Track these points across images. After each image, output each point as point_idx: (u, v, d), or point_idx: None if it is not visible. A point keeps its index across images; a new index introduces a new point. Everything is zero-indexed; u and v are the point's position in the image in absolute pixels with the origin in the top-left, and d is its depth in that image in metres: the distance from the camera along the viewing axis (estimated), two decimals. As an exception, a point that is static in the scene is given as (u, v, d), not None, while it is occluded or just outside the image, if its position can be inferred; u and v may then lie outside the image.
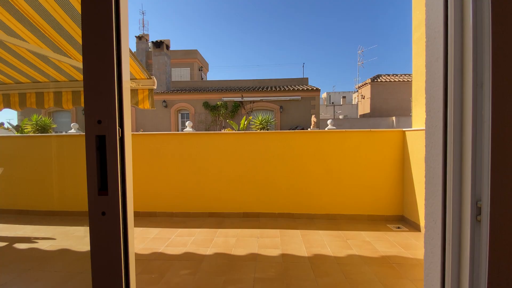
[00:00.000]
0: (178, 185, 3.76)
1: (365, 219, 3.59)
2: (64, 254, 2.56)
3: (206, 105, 14.62)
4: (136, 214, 3.79)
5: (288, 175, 3.64)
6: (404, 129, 3.58)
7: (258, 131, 5.05)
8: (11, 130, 9.89)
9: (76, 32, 2.35)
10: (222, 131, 4.08)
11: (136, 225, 3.40)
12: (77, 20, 2.18)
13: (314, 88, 14.56)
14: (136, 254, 2.57)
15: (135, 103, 3.18)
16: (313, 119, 12.09)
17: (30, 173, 3.90)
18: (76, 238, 2.99)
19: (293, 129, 13.50)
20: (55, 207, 3.87)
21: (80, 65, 2.66)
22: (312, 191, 3.62)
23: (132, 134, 3.82)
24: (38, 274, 2.18)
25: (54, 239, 2.96)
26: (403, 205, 3.59)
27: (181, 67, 19.90)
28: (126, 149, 0.93)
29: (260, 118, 8.08)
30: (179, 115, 15.11)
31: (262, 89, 14.71)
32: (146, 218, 3.72)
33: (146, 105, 3.20)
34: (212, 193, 3.72)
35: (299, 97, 14.31)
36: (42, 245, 2.78)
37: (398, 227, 3.34)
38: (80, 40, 2.64)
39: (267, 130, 8.48)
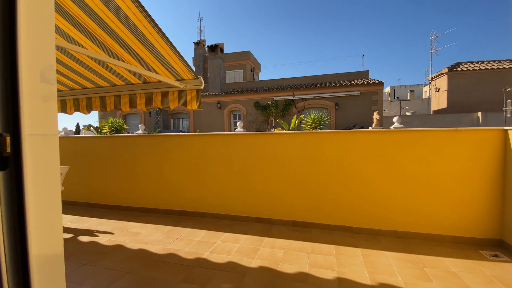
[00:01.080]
0: (225, 187, 3.66)
1: (447, 241, 2.85)
2: (117, 250, 2.68)
3: (257, 105, 14.66)
4: (186, 214, 3.84)
5: (345, 181, 3.15)
6: (506, 128, 2.71)
7: (309, 130, 4.62)
8: (92, 131, 11.71)
9: (129, 38, 2.39)
10: (272, 131, 3.81)
11: (185, 225, 3.42)
12: (129, 25, 2.20)
13: (376, 82, 13.07)
14: (181, 258, 2.51)
15: (183, 104, 3.17)
16: (376, 116, 10.77)
17: (98, 169, 4.34)
18: (131, 234, 3.13)
19: (350, 128, 12.41)
20: (118, 202, 4.22)
21: (134, 68, 2.74)
22: (375, 201, 3.06)
23: (177, 135, 3.88)
24: (92, 270, 2.28)
25: (113, 233, 3.15)
26: (502, 227, 2.74)
27: (234, 69, 20.50)
28: (29, 168, 0.71)
29: (312, 117, 7.54)
30: (232, 115, 15.53)
31: (316, 85, 13.96)
32: (195, 218, 3.72)
33: (194, 105, 3.16)
34: (259, 197, 3.50)
35: (358, 92, 13.05)
36: (101, 239, 2.98)
37: (496, 255, 2.54)
38: (132, 46, 2.73)
39: (320, 129, 7.86)
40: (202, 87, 3.11)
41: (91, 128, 12.19)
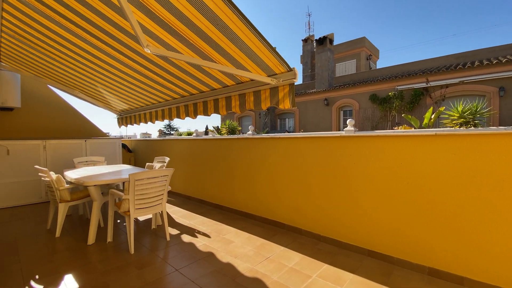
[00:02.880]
0: (325, 202, 2.96)
1: None
2: (207, 260, 2.57)
3: (374, 98, 12.50)
4: (281, 226, 3.42)
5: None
6: None
7: (457, 129, 3.07)
8: (214, 132, 13.73)
9: (215, 34, 2.18)
10: (395, 129, 2.76)
11: (278, 241, 3.00)
12: (213, 19, 1.97)
13: None
14: (266, 289, 2.08)
15: (275, 103, 2.73)
16: None
17: (207, 169, 4.65)
18: (224, 242, 3.02)
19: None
20: (221, 202, 4.35)
21: (225, 68, 2.55)
22: None
23: (270, 137, 3.48)
24: (178, 279, 2.22)
25: (209, 237, 3.15)
26: None
27: (345, 61, 18.58)
28: None
29: (459, 108, 5.40)
30: (341, 112, 14.04)
31: (463, 66, 10.31)
32: (291, 234, 3.24)
33: (287, 103, 2.66)
34: (374, 224, 2.58)
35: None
36: (199, 241, 3.02)
37: None
38: (220, 43, 2.54)
39: (474, 125, 5.52)
40: (296, 80, 2.55)
41: (214, 129, 14.22)
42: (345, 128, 3.65)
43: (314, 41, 18.30)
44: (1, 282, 2.17)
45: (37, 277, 2.25)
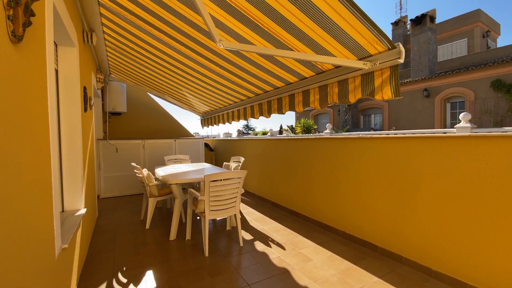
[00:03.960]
0: (438, 228, 2.15)
1: None
2: (280, 278, 2.23)
3: (498, 84, 9.52)
4: (373, 248, 2.75)
5: None
6: None
7: None
8: (288, 131, 13.27)
9: (297, 17, 1.81)
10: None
11: (369, 268, 2.39)
12: (297, 1, 1.61)
13: None
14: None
15: (369, 93, 2.14)
16: None
17: (279, 171, 4.33)
18: (301, 258, 2.61)
19: None
20: (296, 208, 3.96)
21: (302, 56, 2.15)
22: None
23: (363, 138, 2.81)
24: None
25: (284, 249, 2.81)
26: None
27: (452, 41, 15.00)
28: None
29: None
30: (448, 105, 11.33)
31: None
32: (386, 260, 2.55)
33: (387, 93, 2.03)
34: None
35: None
36: (272, 252, 2.71)
37: None
38: (302, 27, 2.14)
39: None
40: (401, 61, 1.90)
41: (288, 128, 13.86)
42: (456, 125, 2.71)
43: (408, 23, 15.58)
44: (94, 268, 2.43)
45: (124, 268, 2.42)
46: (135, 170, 3.73)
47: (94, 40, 2.99)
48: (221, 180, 2.75)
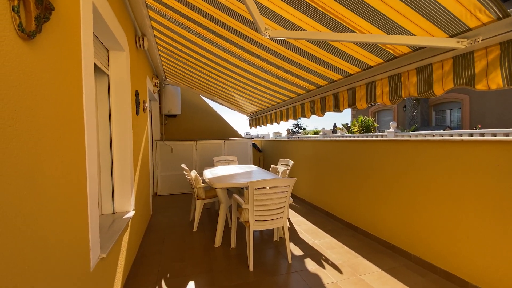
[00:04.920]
0: None
1: None
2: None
3: None
4: (463, 285, 2.10)
5: None
6: None
7: None
8: (344, 131, 12.17)
9: None
10: None
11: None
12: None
13: None
14: None
15: (466, 82, 1.57)
16: None
17: (334, 177, 3.83)
18: (361, 286, 2.15)
19: None
20: (354, 221, 3.42)
21: (367, 38, 1.72)
22: None
23: (449, 141, 2.15)
24: None
25: (341, 272, 2.38)
26: None
27: None
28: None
29: None
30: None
31: None
32: (486, 305, 1.89)
33: (495, 80, 1.44)
34: None
35: None
36: (326, 276, 2.30)
37: None
38: (371, 1, 1.68)
39: None
40: (525, 31, 1.30)
41: (343, 127, 12.80)
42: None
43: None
44: (141, 271, 2.42)
45: (168, 275, 2.35)
46: (184, 172, 3.76)
47: (145, 44, 3.05)
48: (267, 188, 2.47)
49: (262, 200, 2.45)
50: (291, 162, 3.92)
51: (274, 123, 4.74)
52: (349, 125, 13.70)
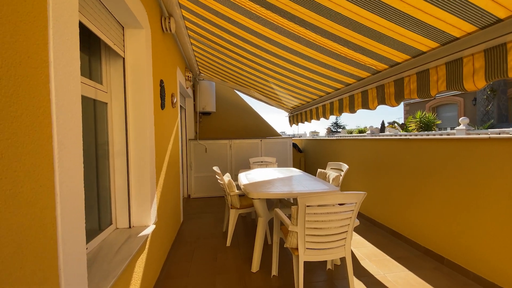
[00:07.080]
0: None
1: None
2: None
3: None
4: None
5: None
6: None
7: None
8: (397, 129, 10.62)
9: None
10: None
11: None
12: None
13: None
14: None
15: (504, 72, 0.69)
16: None
17: (404, 186, 2.95)
18: None
19: None
20: (435, 248, 2.53)
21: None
22: None
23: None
24: None
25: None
26: None
27: None
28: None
29: None
30: None
31: None
32: None
33: None
34: None
35: None
36: None
37: None
38: None
39: None
40: None
41: (396, 125, 11.26)
42: None
43: None
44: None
45: (192, 314, 1.83)
46: (216, 176, 3.26)
47: (172, 26, 2.59)
48: (322, 203, 1.79)
49: (317, 222, 1.78)
50: (345, 167, 3.15)
51: (322, 118, 3.98)
52: (403, 122, 12.05)
